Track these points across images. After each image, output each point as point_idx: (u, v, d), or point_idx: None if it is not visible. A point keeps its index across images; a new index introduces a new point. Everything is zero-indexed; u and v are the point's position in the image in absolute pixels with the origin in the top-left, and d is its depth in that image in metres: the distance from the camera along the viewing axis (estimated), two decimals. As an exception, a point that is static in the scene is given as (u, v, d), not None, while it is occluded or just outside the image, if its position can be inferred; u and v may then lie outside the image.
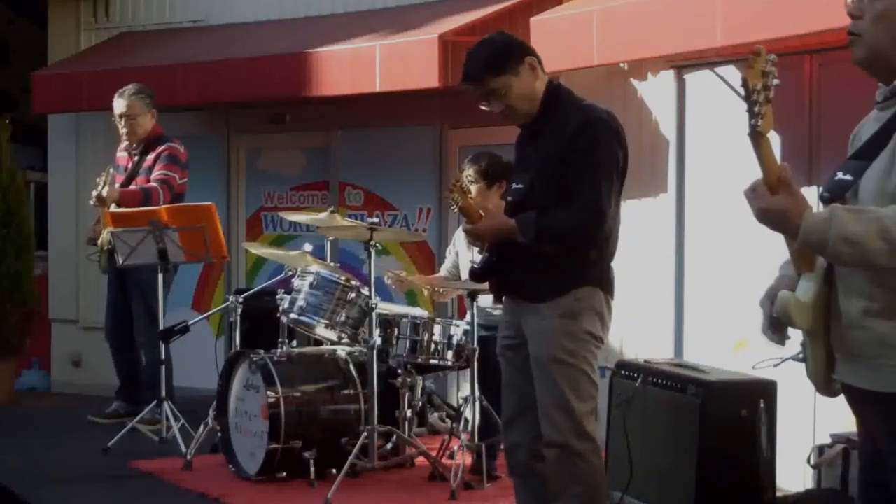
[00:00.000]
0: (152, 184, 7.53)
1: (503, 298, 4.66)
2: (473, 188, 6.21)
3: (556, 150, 4.36)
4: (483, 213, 4.55)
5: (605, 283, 4.47)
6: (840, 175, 2.86)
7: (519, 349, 4.54)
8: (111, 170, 7.43)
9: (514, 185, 4.57)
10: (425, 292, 6.83)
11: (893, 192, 2.72)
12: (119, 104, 7.70)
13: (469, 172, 6.37)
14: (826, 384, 2.93)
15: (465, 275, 6.58)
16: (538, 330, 4.43)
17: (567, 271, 4.40)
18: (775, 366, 3.91)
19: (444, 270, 6.86)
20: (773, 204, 2.67)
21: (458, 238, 6.79)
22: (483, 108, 4.53)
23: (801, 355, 2.98)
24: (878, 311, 2.75)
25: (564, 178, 4.34)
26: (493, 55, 4.45)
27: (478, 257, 6.37)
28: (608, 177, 4.35)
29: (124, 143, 7.83)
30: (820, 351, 2.90)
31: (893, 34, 2.82)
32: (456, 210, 4.57)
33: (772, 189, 2.68)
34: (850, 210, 2.67)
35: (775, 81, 2.64)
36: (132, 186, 7.65)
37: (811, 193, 5.89)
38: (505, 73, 4.41)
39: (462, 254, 6.68)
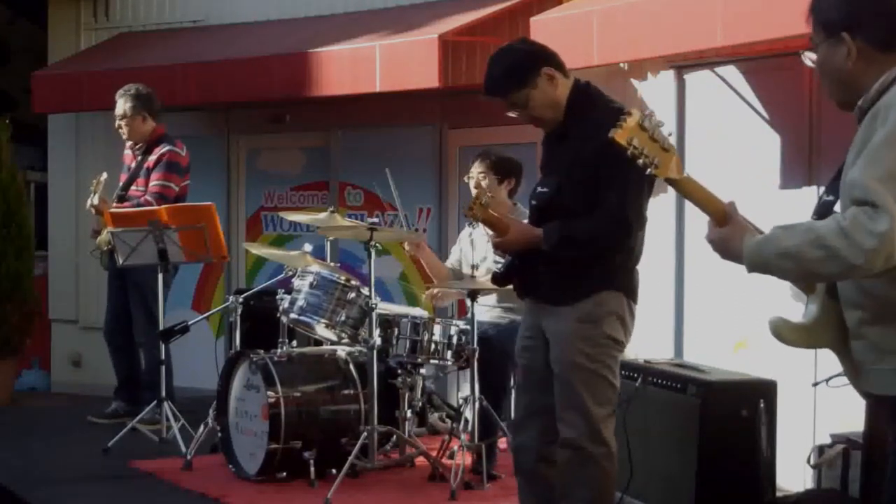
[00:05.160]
0: (147, 197, 7.52)
1: (525, 299, 4.63)
2: (484, 183, 6.23)
3: (586, 155, 4.28)
4: (509, 224, 4.48)
5: (628, 288, 4.45)
6: (825, 197, 2.97)
7: (536, 351, 4.51)
8: (102, 178, 7.39)
9: (540, 189, 4.51)
10: (423, 297, 6.84)
11: (849, 200, 2.73)
12: (117, 105, 7.71)
13: (479, 169, 6.37)
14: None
15: (467, 272, 6.60)
16: (557, 333, 4.41)
17: (589, 275, 4.37)
18: (827, 381, 4.01)
19: (448, 264, 6.88)
20: (715, 235, 2.91)
21: (463, 238, 6.81)
22: (510, 115, 4.50)
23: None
24: (869, 319, 2.81)
25: (593, 183, 4.29)
26: (509, 70, 4.40)
27: (481, 254, 6.43)
28: (637, 188, 4.31)
29: (129, 142, 7.84)
30: (846, 363, 2.96)
31: (832, 78, 2.89)
32: (478, 225, 4.49)
33: (719, 224, 2.91)
34: (783, 227, 2.78)
35: (660, 128, 2.85)
36: (131, 191, 7.65)
37: (811, 193, 5.89)
38: (523, 87, 4.37)
39: (465, 252, 6.70)
